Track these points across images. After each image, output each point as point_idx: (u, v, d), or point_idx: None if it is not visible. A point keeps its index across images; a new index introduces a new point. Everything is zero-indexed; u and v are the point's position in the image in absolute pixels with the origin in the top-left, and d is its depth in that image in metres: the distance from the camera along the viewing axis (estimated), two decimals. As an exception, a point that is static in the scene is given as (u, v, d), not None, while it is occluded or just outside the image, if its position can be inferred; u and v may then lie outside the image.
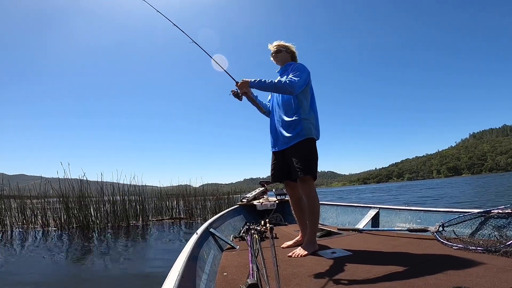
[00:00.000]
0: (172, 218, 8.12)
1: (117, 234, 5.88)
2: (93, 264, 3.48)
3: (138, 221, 7.42)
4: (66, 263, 3.59)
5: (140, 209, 7.67)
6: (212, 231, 2.21)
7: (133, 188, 7.99)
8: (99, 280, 2.81)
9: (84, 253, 4.08)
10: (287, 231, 2.80)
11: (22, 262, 3.71)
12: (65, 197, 6.92)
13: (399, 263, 1.48)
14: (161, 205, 8.43)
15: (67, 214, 6.87)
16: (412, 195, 16.50)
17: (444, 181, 63.01)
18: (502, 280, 1.13)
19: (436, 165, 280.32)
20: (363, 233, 2.44)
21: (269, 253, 1.48)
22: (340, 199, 17.74)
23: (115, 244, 4.78)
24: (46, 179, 7.72)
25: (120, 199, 7.43)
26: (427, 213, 2.36)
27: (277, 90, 1.99)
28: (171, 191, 9.30)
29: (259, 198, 4.21)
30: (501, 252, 1.49)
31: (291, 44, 2.22)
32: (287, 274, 1.42)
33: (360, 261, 1.57)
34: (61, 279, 2.91)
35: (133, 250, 4.23)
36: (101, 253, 4.06)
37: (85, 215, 6.91)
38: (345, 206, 3.31)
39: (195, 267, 1.35)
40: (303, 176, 1.92)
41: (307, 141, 1.97)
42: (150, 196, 8.57)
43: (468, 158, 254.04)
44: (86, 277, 2.97)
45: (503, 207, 1.77)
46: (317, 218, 1.98)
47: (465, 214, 1.93)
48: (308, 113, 2.02)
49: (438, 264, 1.42)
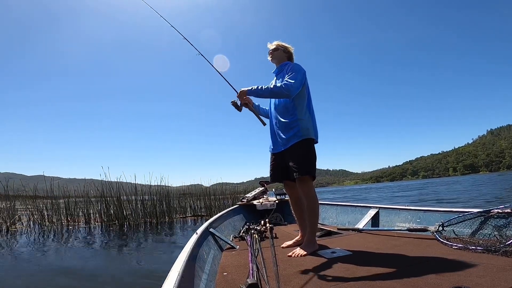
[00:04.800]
0: (194, 215, 8.86)
1: (149, 230, 6.52)
2: (140, 257, 3.81)
3: (165, 218, 8.14)
4: (116, 256, 4.02)
5: (166, 207, 8.37)
6: (212, 231, 2.21)
7: (148, 187, 8.69)
8: (140, 270, 3.18)
9: (131, 248, 4.49)
10: (287, 231, 2.80)
11: (76, 256, 4.07)
12: (105, 197, 7.76)
13: (399, 263, 1.49)
14: (185, 204, 9.31)
15: (107, 212, 7.68)
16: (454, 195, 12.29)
17: (464, 178, 59.77)
18: (502, 280, 1.13)
19: (452, 163, 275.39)
20: (363, 232, 2.44)
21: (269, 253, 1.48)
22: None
23: (149, 238, 5.33)
24: (65, 180, 8.45)
25: (149, 198, 8.25)
26: (427, 212, 2.36)
27: (274, 96, 2.00)
28: (187, 190, 10.21)
29: (259, 198, 4.21)
30: (501, 251, 1.49)
31: (290, 46, 2.23)
32: (287, 274, 1.42)
33: (360, 261, 1.57)
34: (112, 271, 3.21)
35: (163, 244, 4.73)
36: (140, 247, 4.52)
37: (122, 213, 7.69)
38: (345, 206, 3.31)
39: (195, 267, 1.35)
40: (301, 176, 1.93)
41: (305, 142, 1.98)
42: (174, 196, 9.31)
43: (485, 155, 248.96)
44: (130, 268, 3.29)
45: (503, 207, 1.77)
46: (316, 218, 1.97)
47: (465, 214, 1.93)
48: (304, 114, 2.02)
49: (438, 264, 1.42)
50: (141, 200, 8.12)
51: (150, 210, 8.05)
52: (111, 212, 7.67)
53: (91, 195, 8.13)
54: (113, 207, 7.73)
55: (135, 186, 8.30)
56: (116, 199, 7.77)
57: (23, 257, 4.00)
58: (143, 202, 8.11)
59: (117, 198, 7.79)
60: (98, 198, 7.93)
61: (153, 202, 8.20)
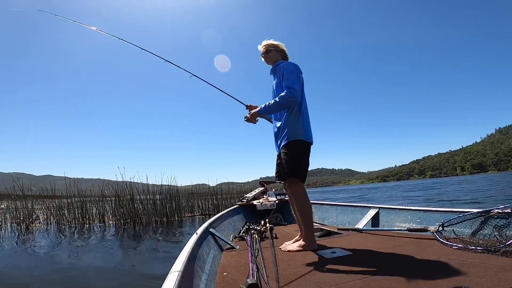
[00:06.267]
0: (202, 214, 9.18)
1: (161, 228, 6.74)
2: (154, 255, 3.98)
3: (174, 217, 8.47)
4: (132, 254, 4.20)
5: (175, 206, 8.72)
6: (212, 231, 2.21)
7: (158, 187, 9.05)
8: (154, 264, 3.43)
9: (145, 246, 4.67)
10: (287, 231, 2.80)
11: (97, 253, 4.26)
12: (119, 196, 8.05)
13: (399, 263, 1.49)
14: (192, 203, 9.61)
15: (121, 211, 7.97)
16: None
17: (475, 178, 57.20)
18: (502, 280, 1.13)
19: (460, 162, 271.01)
20: (363, 233, 2.44)
21: (269, 253, 1.48)
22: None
23: (161, 237, 5.57)
24: (72, 180, 8.75)
25: (159, 198, 8.57)
26: (427, 213, 2.36)
27: (282, 107, 1.98)
28: (193, 190, 10.63)
29: (259, 198, 4.21)
30: (501, 252, 1.49)
31: (280, 43, 2.23)
32: (287, 274, 1.42)
33: (360, 261, 1.57)
34: (129, 267, 3.35)
35: (173, 242, 4.92)
36: (153, 245, 4.68)
37: (135, 212, 7.99)
38: (345, 206, 3.31)
39: (195, 267, 1.35)
40: (287, 177, 1.98)
41: (292, 144, 1.99)
42: (183, 195, 9.62)
43: (494, 154, 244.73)
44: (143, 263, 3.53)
45: (503, 207, 1.77)
46: (307, 219, 1.96)
47: (465, 214, 1.93)
48: (294, 115, 2.02)
49: (438, 264, 1.42)
50: (152, 199, 8.43)
51: (161, 209, 8.32)
52: (124, 211, 7.95)
53: (105, 195, 8.52)
54: (126, 206, 8.00)
55: (147, 186, 8.66)
56: (130, 199, 8.08)
57: (49, 254, 4.16)
58: (154, 201, 8.40)
59: (130, 197, 8.11)
60: (112, 198, 8.24)
61: (163, 201, 8.50)
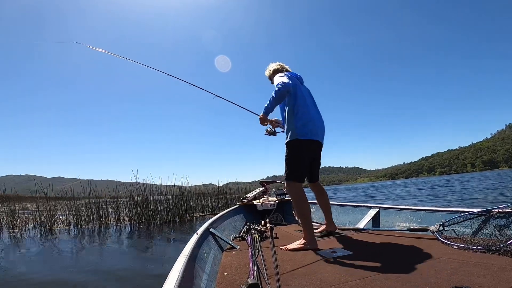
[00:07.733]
0: (212, 213, 9.27)
1: (173, 227, 6.93)
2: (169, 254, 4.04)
3: (186, 216, 8.78)
4: (148, 253, 4.31)
5: (186, 206, 9.01)
6: (212, 231, 2.21)
7: (171, 188, 9.22)
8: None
9: (160, 246, 4.84)
10: (288, 231, 2.80)
11: (116, 253, 4.38)
12: (133, 197, 8.29)
13: (399, 263, 1.48)
14: (201, 202, 9.88)
15: (136, 211, 8.20)
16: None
17: (488, 174, 53.54)
18: (503, 280, 1.13)
19: (470, 158, 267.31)
20: (364, 232, 2.44)
21: (269, 253, 1.48)
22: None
23: (175, 236, 5.68)
24: (82, 181, 8.88)
25: (171, 198, 8.81)
26: (427, 212, 2.36)
27: (279, 98, 2.03)
28: (202, 190, 10.88)
29: (260, 198, 4.21)
30: (502, 251, 1.49)
31: (272, 64, 2.40)
32: (288, 274, 1.42)
33: (360, 261, 1.57)
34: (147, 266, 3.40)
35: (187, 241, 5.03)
36: (168, 244, 4.89)
37: (149, 212, 8.26)
38: (345, 206, 3.30)
39: (195, 267, 1.35)
40: (285, 180, 2.08)
41: (288, 145, 2.07)
42: (193, 195, 9.87)
43: (505, 151, 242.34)
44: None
45: (504, 206, 1.76)
46: (304, 219, 1.99)
47: (465, 214, 1.93)
48: (289, 117, 2.09)
49: (438, 264, 1.42)
50: (165, 200, 8.70)
51: (173, 210, 8.60)
52: (139, 211, 8.19)
53: (120, 196, 8.70)
54: (141, 206, 8.24)
55: (160, 186, 8.95)
56: (144, 200, 8.34)
57: (77, 254, 4.32)
58: (167, 202, 8.67)
59: (144, 198, 8.36)
60: (127, 199, 8.44)
61: (176, 201, 8.79)
